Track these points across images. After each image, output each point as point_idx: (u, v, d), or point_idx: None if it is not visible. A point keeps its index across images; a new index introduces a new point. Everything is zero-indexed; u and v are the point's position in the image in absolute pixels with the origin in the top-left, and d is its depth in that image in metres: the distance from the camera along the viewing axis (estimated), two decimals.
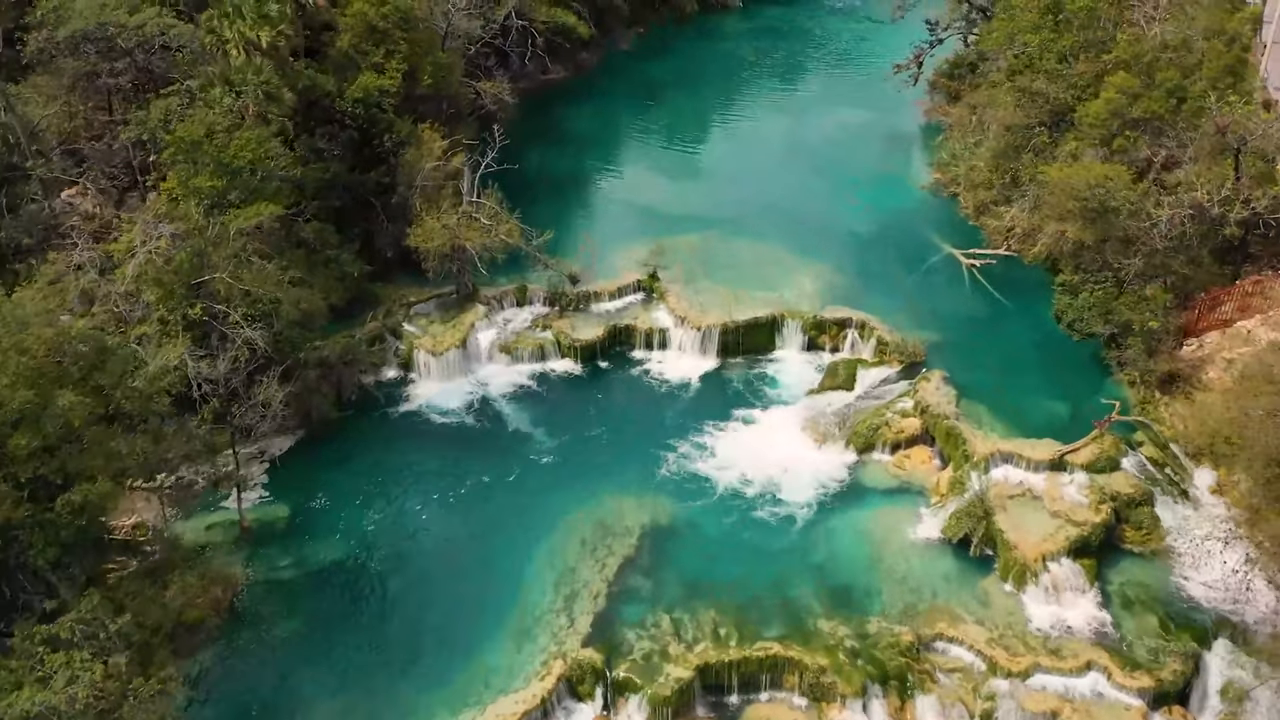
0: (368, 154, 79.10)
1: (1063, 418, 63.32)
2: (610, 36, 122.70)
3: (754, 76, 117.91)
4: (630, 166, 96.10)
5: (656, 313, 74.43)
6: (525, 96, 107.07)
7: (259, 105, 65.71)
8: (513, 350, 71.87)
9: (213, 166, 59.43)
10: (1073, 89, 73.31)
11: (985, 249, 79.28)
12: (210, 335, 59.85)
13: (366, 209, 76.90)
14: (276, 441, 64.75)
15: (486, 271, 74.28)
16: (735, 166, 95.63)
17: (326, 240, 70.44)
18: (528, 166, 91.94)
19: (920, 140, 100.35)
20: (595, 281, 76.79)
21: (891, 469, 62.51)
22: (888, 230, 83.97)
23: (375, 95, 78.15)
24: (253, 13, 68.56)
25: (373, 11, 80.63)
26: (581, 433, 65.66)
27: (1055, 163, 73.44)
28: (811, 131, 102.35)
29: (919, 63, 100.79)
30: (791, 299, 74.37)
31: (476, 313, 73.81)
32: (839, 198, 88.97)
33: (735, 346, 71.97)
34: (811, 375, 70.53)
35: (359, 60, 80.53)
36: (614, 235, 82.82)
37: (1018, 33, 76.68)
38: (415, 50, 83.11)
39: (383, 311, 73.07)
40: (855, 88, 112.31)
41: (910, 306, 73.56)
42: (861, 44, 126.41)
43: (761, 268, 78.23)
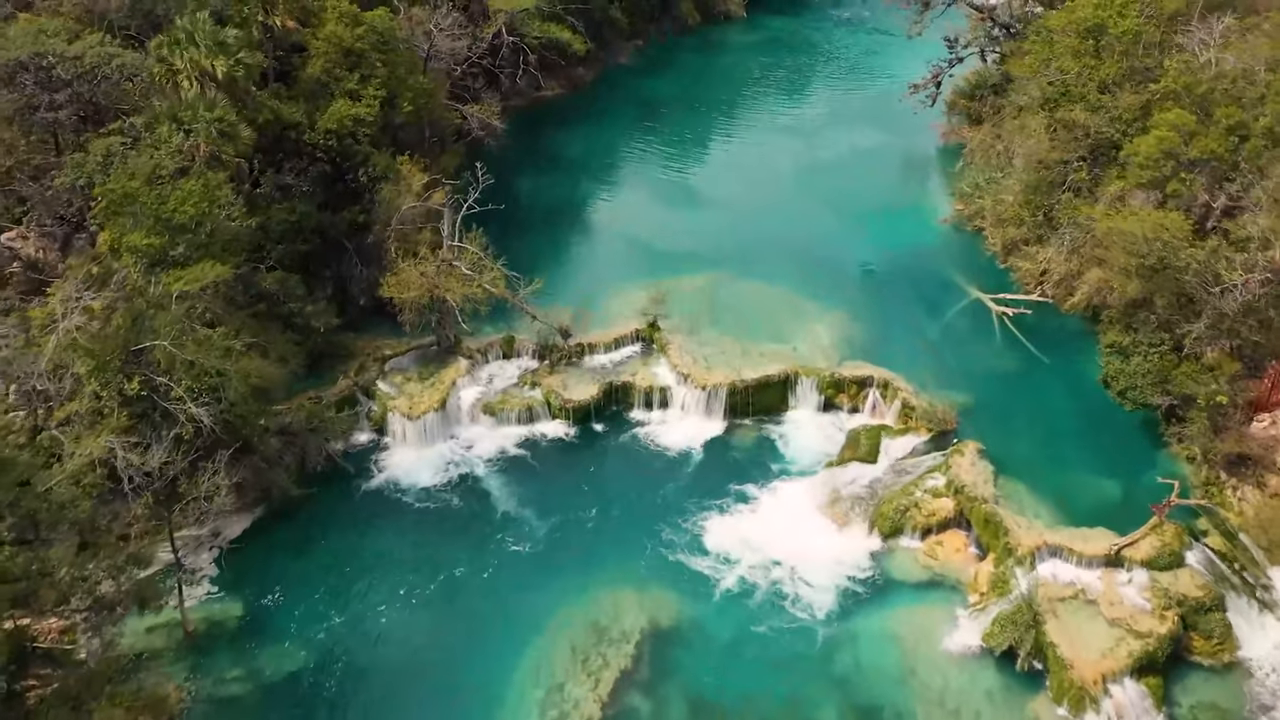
0: (341, 190, 70.89)
1: (1114, 500, 55.18)
2: (608, 50, 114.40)
3: (759, 93, 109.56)
4: (628, 195, 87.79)
5: (657, 368, 66.16)
6: (517, 115, 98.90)
7: (212, 144, 57.33)
8: (498, 411, 63.62)
9: (151, 221, 50.98)
10: (1116, 122, 64.99)
11: (1016, 294, 70.95)
12: (151, 413, 51.60)
13: (339, 251, 68.62)
14: (230, 522, 56.61)
15: (470, 321, 65.96)
16: (741, 195, 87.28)
17: (291, 292, 62.10)
18: (517, 195, 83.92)
19: (938, 166, 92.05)
20: (589, 331, 68.47)
21: (922, 558, 54.35)
22: (908, 270, 75.71)
23: (349, 125, 69.99)
24: (207, 40, 60.18)
25: (347, 33, 72.34)
26: (572, 512, 57.42)
27: (1097, 203, 65.34)
28: (821, 155, 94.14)
29: (937, 82, 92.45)
30: (805, 352, 66.14)
31: (458, 368, 65.54)
32: (853, 232, 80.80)
33: (744, 407, 63.78)
34: (828, 441, 62.34)
35: (332, 86, 72.27)
36: (610, 276, 74.60)
37: (1054, 59, 68.05)
38: (394, 74, 74.87)
39: (355, 368, 64.81)
40: (866, 106, 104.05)
41: (936, 361, 65.32)
42: (871, 58, 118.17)
43: (771, 315, 69.99)
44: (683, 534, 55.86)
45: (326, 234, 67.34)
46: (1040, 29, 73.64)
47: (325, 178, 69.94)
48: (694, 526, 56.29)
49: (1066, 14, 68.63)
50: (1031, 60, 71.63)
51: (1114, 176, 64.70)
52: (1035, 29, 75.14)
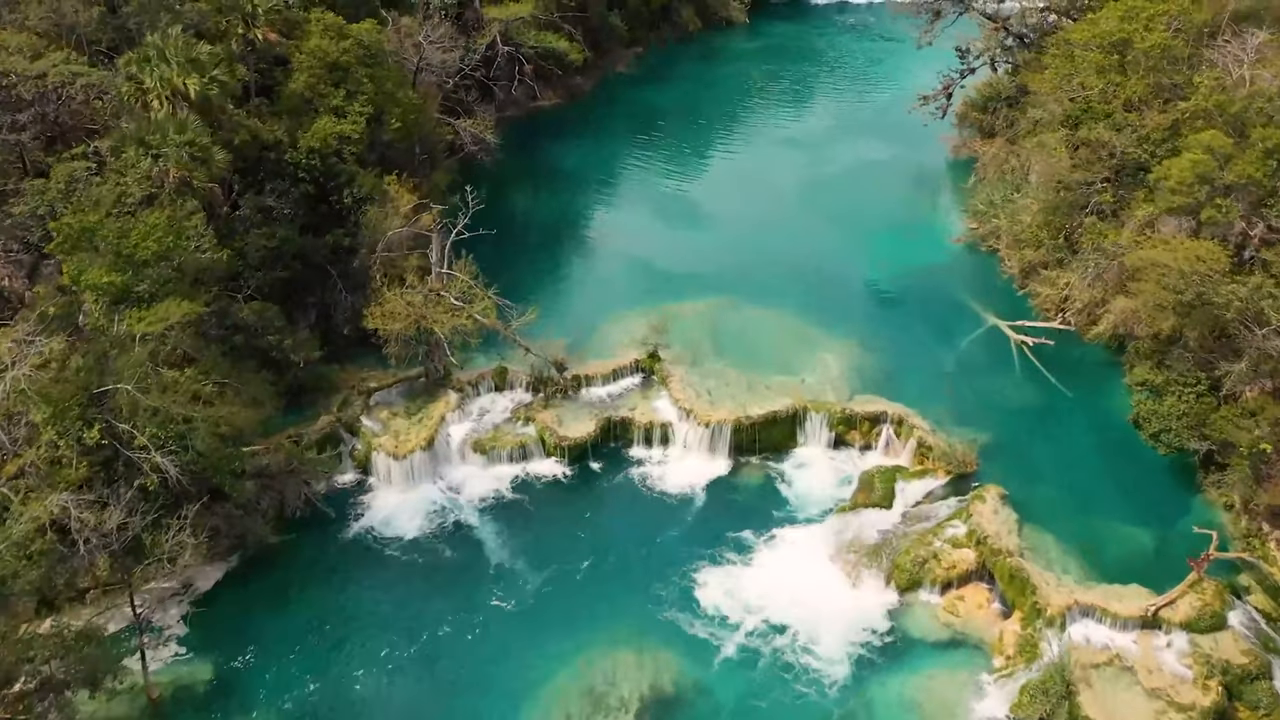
0: (325, 212, 66.69)
1: (1147, 551, 51.03)
2: (606, 59, 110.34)
3: (762, 103, 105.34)
4: (626, 212, 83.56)
5: (658, 401, 61.92)
6: (512, 127, 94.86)
7: (183, 169, 52.97)
8: (489, 450, 59.39)
9: (112, 257, 46.71)
10: (1144, 142, 60.68)
11: (1035, 322, 66.65)
12: (114, 461, 47.50)
13: (322, 277, 64.41)
14: (202, 573, 52.38)
15: (460, 351, 61.77)
16: (743, 211, 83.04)
17: (270, 323, 57.82)
18: (511, 213, 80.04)
19: (949, 181, 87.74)
20: (587, 361, 64.29)
21: (942, 615, 50.13)
22: (920, 293, 71.47)
23: (334, 143, 65.89)
24: (179, 56, 55.93)
25: (332, 47, 68.11)
26: (567, 563, 53.17)
27: (1123, 228, 61.04)
28: (827, 169, 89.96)
29: (948, 94, 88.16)
30: (814, 384, 61.91)
31: (448, 402, 61.26)
32: (862, 251, 76.63)
33: (750, 444, 59.50)
34: (839, 482, 58.17)
35: (316, 103, 68.04)
36: (608, 301, 70.36)
37: (1076, 74, 63.71)
38: (381, 89, 70.66)
39: (338, 402, 60.56)
40: (873, 117, 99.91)
41: (953, 395, 61.11)
42: (877, 66, 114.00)
43: (778, 343, 65.81)
44: (685, 589, 51.63)
45: (309, 259, 63.08)
46: (1060, 42, 69.22)
47: (308, 199, 65.80)
48: (697, 581, 52.04)
49: (1089, 27, 64.33)
50: (1052, 75, 67.33)
51: (1141, 200, 60.45)
52: (1055, 42, 70.74)
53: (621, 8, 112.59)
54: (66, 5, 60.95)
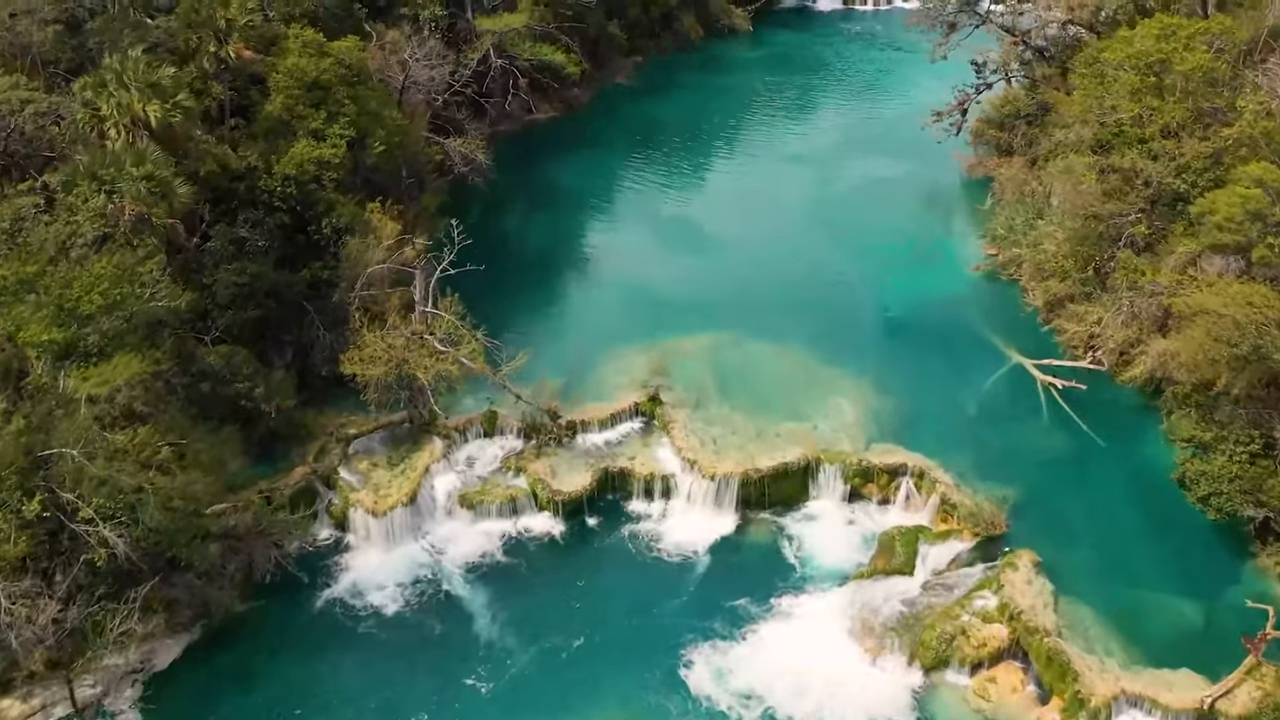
0: (302, 243, 61.85)
1: (1195, 628, 46.07)
2: (605, 69, 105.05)
3: (766, 117, 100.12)
4: (624, 237, 78.44)
5: (659, 449, 56.98)
6: (506, 143, 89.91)
7: (140, 205, 47.87)
8: (476, 504, 54.47)
9: (53, 310, 41.63)
10: (1183, 172, 55.55)
11: (1063, 360, 61.78)
12: (59, 534, 42.52)
13: (298, 315, 59.37)
14: (161, 647, 47.39)
15: (446, 394, 56.91)
16: (748, 236, 77.96)
17: (238, 369, 52.86)
18: (503, 239, 75.29)
19: (964, 202, 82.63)
20: (583, 404, 59.38)
21: (972, 699, 45.20)
22: (938, 328, 66.44)
23: (312, 169, 60.78)
24: (139, 81, 50.87)
25: (310, 66, 62.92)
26: (559, 636, 48.21)
27: (1159, 263, 56.06)
28: (835, 188, 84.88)
29: (963, 110, 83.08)
30: (827, 431, 56.95)
31: (432, 450, 56.29)
32: (874, 280, 71.70)
33: (759, 498, 54.45)
34: (856, 540, 53.33)
35: (294, 125, 62.93)
36: (605, 336, 65.28)
37: (1108, 97, 58.59)
38: (364, 110, 65.53)
39: (314, 451, 55.65)
40: (883, 131, 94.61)
41: (977, 444, 56.13)
42: (886, 77, 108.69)
43: (787, 384, 60.83)
44: (688, 665, 46.76)
45: (283, 296, 58.07)
46: (1090, 61, 64.07)
47: (284, 230, 60.97)
48: (702, 653, 47.16)
49: (1123, 46, 59.18)
50: (1081, 96, 62.19)
51: (1181, 234, 55.50)
52: (1084, 60, 65.58)
53: (621, 17, 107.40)
54: (20, 23, 55.76)
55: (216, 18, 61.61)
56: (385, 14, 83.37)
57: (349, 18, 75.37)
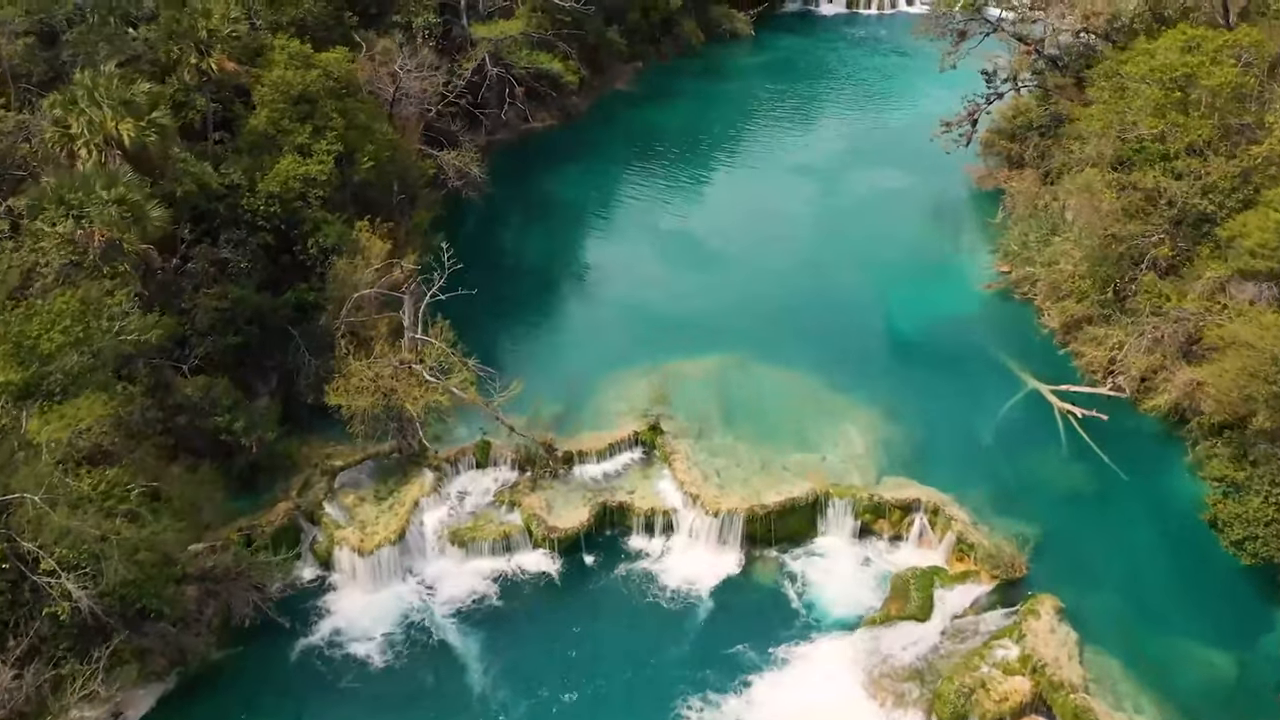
0: (287, 263, 58.86)
1: (1228, 680, 43.33)
2: (604, 76, 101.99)
3: (769, 126, 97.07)
4: (623, 252, 75.43)
5: (660, 482, 54.06)
6: (502, 152, 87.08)
7: (111, 231, 44.84)
8: (468, 541, 51.51)
9: (10, 348, 38.67)
10: (1209, 192, 52.58)
11: (1081, 386, 58.88)
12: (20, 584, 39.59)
13: (283, 338, 56.37)
14: (134, 698, 44.41)
15: (436, 422, 53.97)
16: (752, 251, 75.00)
17: (216, 401, 49.82)
18: (497, 255, 72.56)
19: (975, 215, 79.67)
20: (580, 432, 56.58)
21: None
22: (950, 350, 63.54)
23: (297, 186, 57.74)
24: (112, 99, 47.85)
25: (296, 78, 59.87)
26: (554, 687, 45.35)
27: (1184, 287, 53.06)
28: (841, 200, 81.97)
29: (973, 120, 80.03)
30: (836, 463, 54.05)
31: (422, 483, 53.35)
32: (882, 298, 68.89)
33: (765, 534, 51.51)
34: (867, 579, 50.44)
35: (280, 140, 59.92)
36: (604, 358, 62.41)
37: (1129, 112, 55.60)
38: (353, 124, 62.50)
39: (298, 484, 52.72)
40: (889, 141, 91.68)
41: (994, 476, 53.24)
42: (890, 83, 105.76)
43: (794, 411, 57.95)
44: None
45: (266, 321, 55.04)
46: (1109, 73, 61.08)
47: (268, 250, 58.08)
48: (705, 707, 43.95)
49: (1144, 60, 56.19)
50: (1100, 111, 59.17)
51: (1207, 256, 52.55)
52: (1103, 73, 62.59)
53: (620, 22, 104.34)
54: None
55: (198, 29, 58.63)
56: (377, 22, 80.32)
57: (338, 26, 72.29)
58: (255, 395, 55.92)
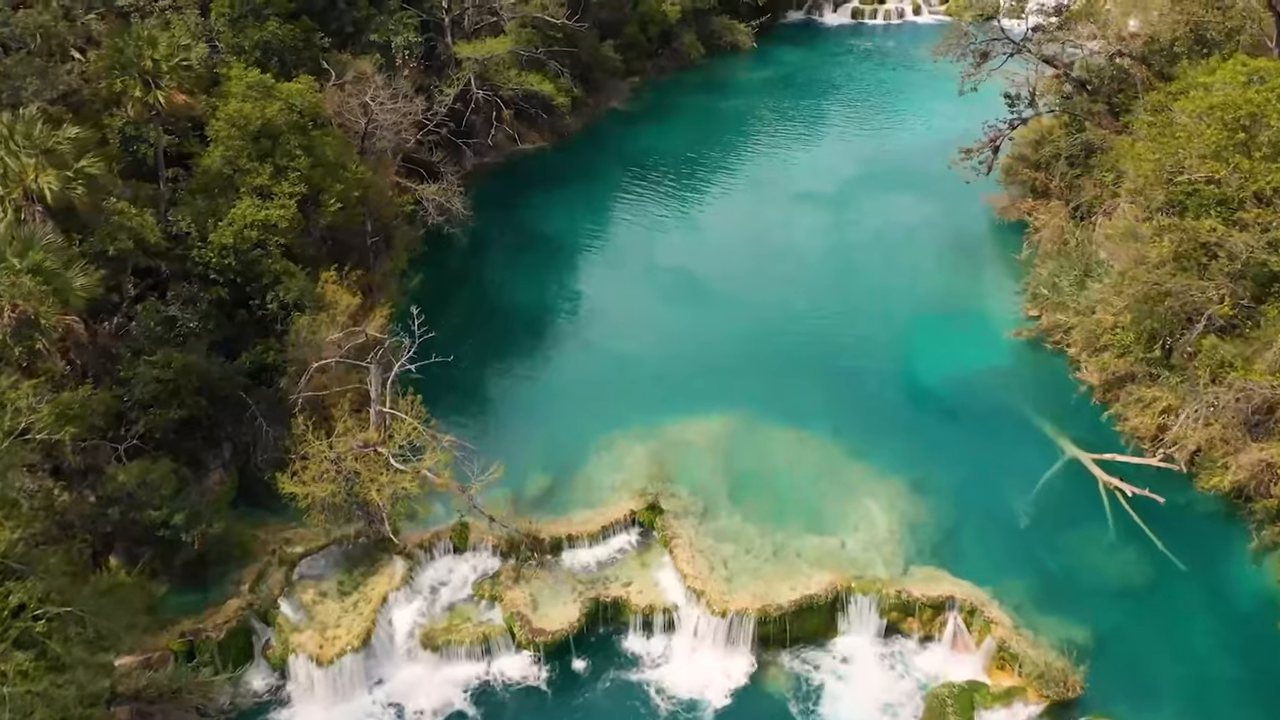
0: (244, 320, 52.14)
1: None
2: (598, 93, 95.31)
3: (772, 148, 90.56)
4: (618, 293, 68.81)
5: (659, 572, 47.51)
6: (490, 178, 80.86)
7: (27, 304, 38.10)
8: (443, 644, 44.85)
9: None
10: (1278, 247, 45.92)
11: (1126, 454, 52.42)
12: None
13: (237, 409, 49.61)
14: None
15: (405, 498, 47.21)
16: (757, 291, 68.49)
17: (154, 490, 43.07)
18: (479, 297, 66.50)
19: (997, 249, 72.99)
20: (570, 510, 50.12)
21: None
22: (977, 408, 56.98)
23: (254, 236, 50.96)
24: (33, 146, 40.98)
25: (254, 111, 53.08)
26: None
27: (1249, 350, 46.39)
28: (853, 234, 75.39)
29: (995, 147, 73.22)
30: (857, 551, 47.59)
31: (391, 574, 46.73)
32: (900, 347, 62.48)
33: (779, 635, 44.89)
34: (894, 690, 43.75)
35: (237, 181, 53.20)
36: (596, 419, 55.89)
37: (1183, 153, 48.95)
38: (320, 162, 55.69)
39: (251, 577, 46.05)
40: (901, 165, 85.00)
41: (1034, 568, 46.79)
42: (901, 102, 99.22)
43: (808, 484, 51.49)
44: None
45: (217, 390, 48.28)
46: (1156, 106, 54.41)
47: (222, 306, 51.31)
48: None
49: (1201, 98, 49.49)
50: (1147, 149, 52.49)
51: (1276, 317, 45.75)
52: (1149, 106, 55.95)
53: (615, 36, 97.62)
54: None
55: (143, 58, 51.79)
56: (353, 42, 73.62)
57: (308, 49, 65.47)
58: (205, 471, 49.46)
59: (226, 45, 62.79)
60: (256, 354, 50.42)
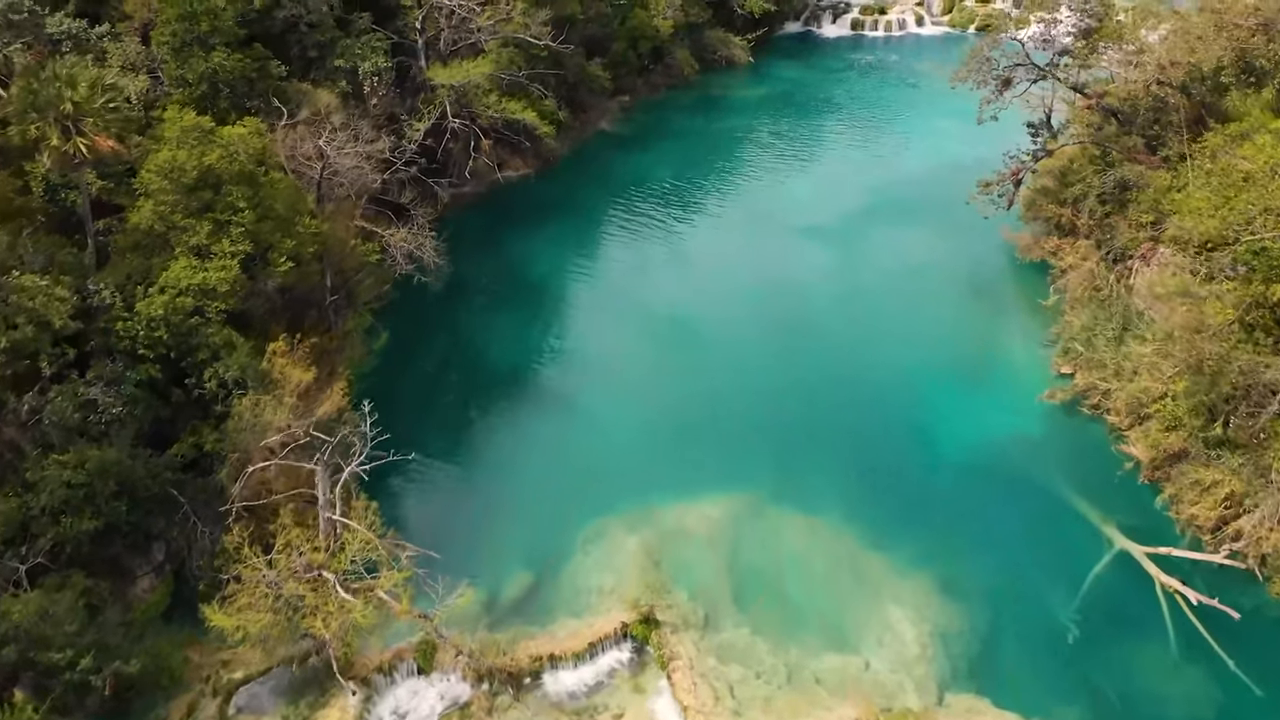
0: (181, 400, 44.88)
1: None
2: (586, 115, 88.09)
3: (772, 173, 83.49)
4: (605, 347, 61.81)
5: (657, 700, 40.85)
6: (468, 211, 74.36)
7: None
8: None
9: None
10: None
11: (1183, 548, 45.50)
12: None
13: (168, 508, 42.39)
14: None
15: None
16: (761, 344, 61.59)
17: (59, 622, 35.84)
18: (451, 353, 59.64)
19: (1021, 294, 65.91)
20: (552, 622, 43.06)
21: None
22: (1009, 486, 50.21)
23: (191, 303, 43.72)
24: None
25: (191, 160, 45.77)
26: None
27: None
28: (863, 275, 68.48)
29: (1016, 181, 66.18)
30: (883, 672, 40.87)
31: (343, 708, 39.71)
32: (920, 410, 55.66)
33: None
34: None
35: (171, 239, 45.96)
36: (581, 506, 49.11)
37: (1254, 212, 41.99)
38: (268, 215, 48.44)
39: (181, 710, 38.92)
40: (912, 195, 77.94)
41: (1088, 694, 40.09)
42: (904, 120, 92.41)
43: (825, 585, 44.80)
44: None
45: (141, 490, 41.06)
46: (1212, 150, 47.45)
47: (154, 386, 43.97)
48: None
49: (1273, 147, 42.47)
50: (1205, 202, 45.48)
51: None
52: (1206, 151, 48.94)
53: (603, 54, 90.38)
54: None
55: (62, 101, 44.48)
56: (317, 68, 66.35)
57: (263, 80, 58.13)
58: (130, 579, 42.20)
59: (170, 78, 55.40)
60: (189, 445, 43.14)
